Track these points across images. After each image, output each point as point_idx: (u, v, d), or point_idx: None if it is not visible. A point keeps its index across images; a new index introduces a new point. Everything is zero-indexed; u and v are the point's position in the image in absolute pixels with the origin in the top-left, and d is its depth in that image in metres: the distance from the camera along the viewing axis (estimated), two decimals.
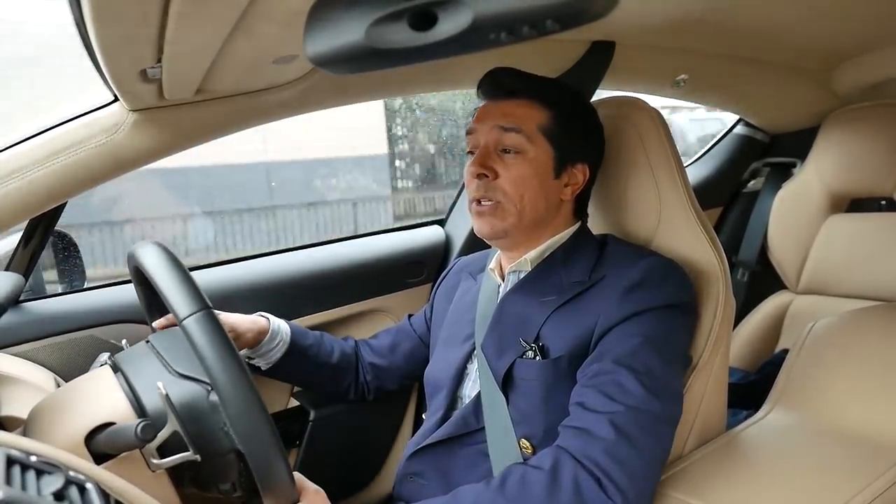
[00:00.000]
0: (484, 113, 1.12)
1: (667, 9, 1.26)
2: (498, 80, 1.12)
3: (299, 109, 1.34)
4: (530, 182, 1.08)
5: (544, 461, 0.90)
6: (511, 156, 1.09)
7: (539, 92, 1.11)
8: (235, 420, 0.82)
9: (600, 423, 0.91)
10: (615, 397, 0.93)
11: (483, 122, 1.11)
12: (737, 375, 1.86)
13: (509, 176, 1.08)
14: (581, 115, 1.15)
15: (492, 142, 1.10)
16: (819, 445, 1.22)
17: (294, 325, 1.35)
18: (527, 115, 1.09)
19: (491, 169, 1.08)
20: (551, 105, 1.10)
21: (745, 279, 2.17)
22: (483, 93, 1.15)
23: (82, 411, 0.91)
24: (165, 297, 0.86)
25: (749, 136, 2.19)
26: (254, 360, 1.31)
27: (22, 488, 0.56)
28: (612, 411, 0.91)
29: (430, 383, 1.25)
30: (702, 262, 1.16)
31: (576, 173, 1.13)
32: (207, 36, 0.85)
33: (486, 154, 1.09)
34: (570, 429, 0.94)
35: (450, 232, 1.87)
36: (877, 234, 1.82)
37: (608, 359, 0.97)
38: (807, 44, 1.56)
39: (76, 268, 1.56)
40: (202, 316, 0.83)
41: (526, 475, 0.89)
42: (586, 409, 0.94)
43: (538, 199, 1.10)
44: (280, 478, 0.83)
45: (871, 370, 1.30)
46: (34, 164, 1.11)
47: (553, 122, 1.10)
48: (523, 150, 1.08)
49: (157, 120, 1.16)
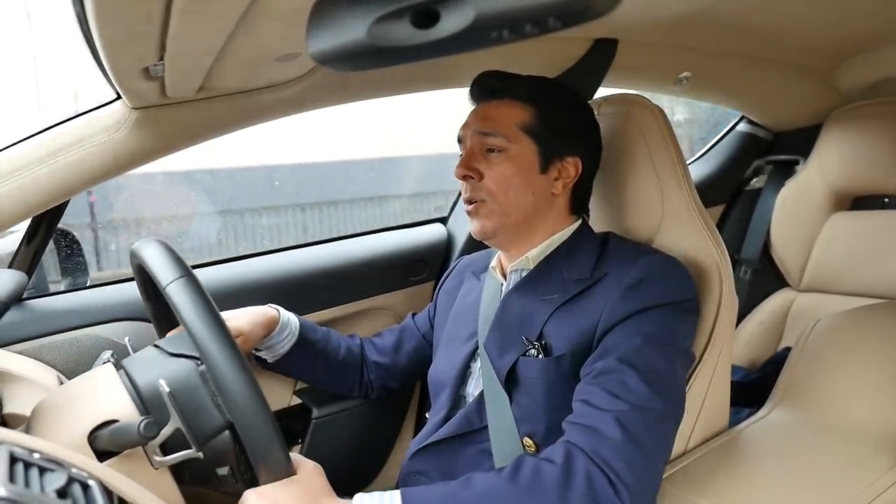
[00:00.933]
0: (469, 118, 1.17)
1: (669, 6, 1.25)
2: (480, 83, 1.16)
3: (301, 107, 1.35)
4: (514, 179, 1.11)
5: (555, 455, 0.89)
6: (495, 155, 1.12)
7: (519, 91, 1.13)
8: (220, 380, 0.82)
9: (607, 422, 0.90)
10: (620, 396, 0.92)
11: (467, 127, 1.16)
12: (739, 374, 1.86)
13: (493, 175, 1.11)
14: (568, 108, 1.16)
15: (476, 145, 1.13)
16: (822, 443, 1.22)
17: (303, 319, 1.36)
18: (505, 115, 1.12)
19: (475, 170, 1.12)
20: (533, 102, 1.12)
21: (748, 277, 2.16)
22: (471, 97, 1.19)
23: (85, 409, 0.91)
24: (150, 269, 0.87)
25: (752, 133, 2.18)
26: (261, 351, 1.31)
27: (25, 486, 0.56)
28: (618, 410, 0.91)
29: (434, 382, 1.25)
30: (704, 260, 1.16)
31: (566, 167, 1.14)
32: (210, 34, 0.85)
33: (471, 156, 1.13)
34: (577, 426, 0.93)
35: (452, 230, 1.87)
36: (880, 232, 1.81)
37: (612, 357, 0.97)
38: (810, 41, 1.56)
39: (79, 266, 1.56)
40: (184, 281, 0.84)
41: (539, 467, 0.87)
42: (592, 406, 0.93)
43: (524, 196, 1.11)
44: (272, 446, 0.83)
45: (874, 368, 1.30)
46: (37, 162, 1.12)
47: (535, 119, 1.12)
48: (504, 148, 1.11)
49: (159, 118, 1.17)
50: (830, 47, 1.62)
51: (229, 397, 0.82)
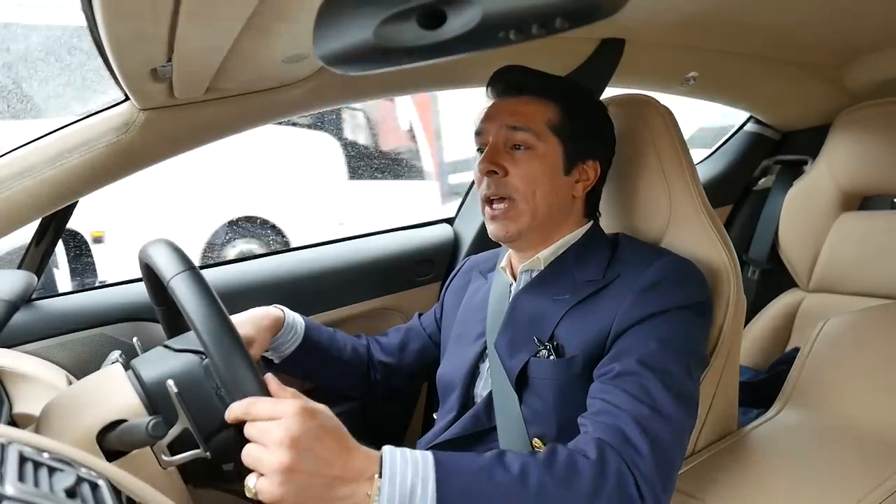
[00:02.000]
0: (493, 112, 1.13)
1: (677, 6, 1.25)
2: (506, 78, 1.13)
3: (309, 107, 1.35)
4: (541, 178, 1.08)
5: (588, 450, 0.86)
6: (521, 152, 1.09)
7: (547, 89, 1.11)
8: (223, 369, 0.82)
9: (630, 424, 0.89)
10: (641, 398, 0.91)
11: (492, 121, 1.12)
12: (748, 374, 1.86)
13: (519, 172, 1.08)
14: (590, 111, 1.15)
15: (501, 140, 1.10)
16: (830, 444, 1.21)
17: (308, 320, 1.35)
18: (535, 112, 1.09)
19: (500, 166, 1.09)
20: (560, 102, 1.11)
21: (756, 277, 2.16)
22: (492, 91, 1.16)
23: (94, 409, 0.92)
24: (153, 262, 0.87)
25: (760, 133, 2.17)
26: (267, 352, 1.31)
27: (34, 485, 0.56)
28: (640, 413, 0.89)
29: (443, 383, 1.24)
30: (712, 261, 1.15)
31: (587, 170, 1.13)
32: (218, 35, 0.85)
33: (496, 151, 1.10)
34: (600, 424, 0.91)
35: (459, 230, 1.87)
36: (888, 232, 1.80)
37: (629, 359, 0.95)
38: (818, 40, 1.55)
39: (88, 266, 1.57)
40: (188, 274, 0.84)
41: (574, 459, 0.84)
42: (613, 405, 0.92)
43: (550, 196, 1.10)
44: None
45: (883, 368, 1.30)
46: (45, 164, 1.12)
47: (562, 119, 1.10)
48: (533, 146, 1.08)
49: (167, 119, 1.17)
50: (839, 46, 1.62)
51: (229, 380, 0.82)
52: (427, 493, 0.76)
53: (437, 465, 0.79)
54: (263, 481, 0.74)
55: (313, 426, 0.76)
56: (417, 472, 0.77)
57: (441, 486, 0.77)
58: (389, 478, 0.76)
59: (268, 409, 0.77)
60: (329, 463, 0.75)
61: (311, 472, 0.74)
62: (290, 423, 0.75)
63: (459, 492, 0.78)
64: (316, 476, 0.74)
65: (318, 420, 0.77)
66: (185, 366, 0.93)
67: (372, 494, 0.75)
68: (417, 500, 0.75)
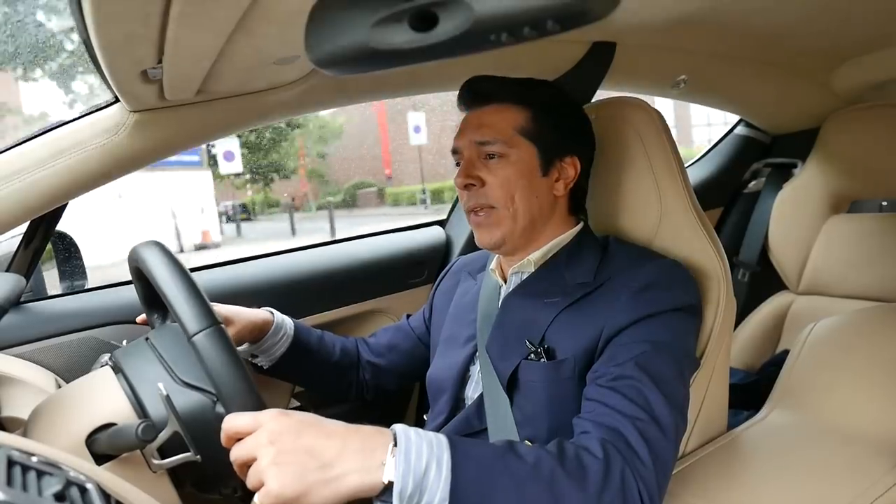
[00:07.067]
0: (463, 126, 1.15)
1: (668, 9, 1.26)
2: (472, 89, 1.15)
3: (299, 110, 1.35)
4: (518, 182, 1.10)
5: (593, 448, 0.86)
6: (494, 160, 1.11)
7: (512, 94, 1.13)
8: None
9: (628, 427, 0.89)
10: (637, 402, 0.91)
11: (463, 136, 1.14)
12: (738, 376, 1.87)
13: (496, 181, 1.10)
14: (561, 109, 1.16)
15: (473, 154, 1.12)
16: (820, 446, 1.22)
17: (297, 322, 1.35)
18: (502, 120, 1.11)
19: (476, 178, 1.11)
20: (527, 104, 1.12)
21: (746, 280, 2.17)
22: (462, 103, 1.18)
23: (83, 412, 0.91)
24: (175, 311, 0.86)
25: (750, 136, 2.19)
26: (257, 357, 1.31)
27: (23, 489, 0.56)
28: (637, 417, 0.89)
29: (433, 385, 1.24)
30: (702, 263, 1.16)
31: (565, 167, 1.14)
32: (208, 36, 0.85)
33: (470, 164, 1.12)
34: (601, 425, 0.90)
35: (450, 233, 1.87)
36: (877, 235, 1.82)
37: (622, 362, 0.96)
38: (807, 44, 1.56)
39: (77, 269, 1.56)
40: (212, 332, 0.84)
41: (581, 456, 0.84)
42: (610, 408, 0.92)
43: (530, 199, 1.11)
44: None
45: (872, 371, 1.30)
46: (35, 166, 1.12)
47: (532, 122, 1.11)
48: (504, 153, 1.10)
49: (157, 121, 1.16)
50: (828, 50, 1.63)
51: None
52: (441, 474, 0.75)
53: (451, 446, 0.78)
54: (264, 485, 0.74)
55: (292, 422, 0.78)
56: (433, 450, 0.77)
57: (456, 468, 0.76)
58: (405, 452, 0.76)
59: (248, 421, 0.78)
60: (319, 448, 0.76)
61: (302, 457, 0.74)
62: (270, 425, 0.77)
63: (474, 476, 0.77)
64: (310, 458, 0.74)
65: (295, 417, 0.79)
66: (197, 407, 0.92)
67: (386, 467, 0.75)
68: (430, 480, 0.75)
